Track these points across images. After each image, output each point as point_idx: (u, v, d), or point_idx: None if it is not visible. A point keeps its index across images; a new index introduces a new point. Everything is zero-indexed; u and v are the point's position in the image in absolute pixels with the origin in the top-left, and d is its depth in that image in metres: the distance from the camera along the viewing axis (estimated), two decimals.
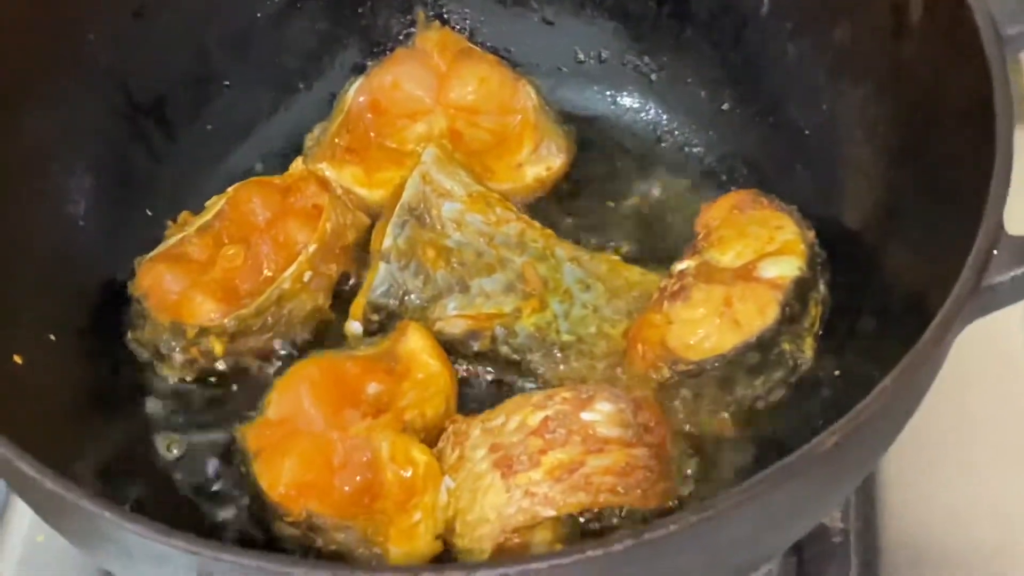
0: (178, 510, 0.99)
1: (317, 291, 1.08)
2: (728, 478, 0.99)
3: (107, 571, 1.07)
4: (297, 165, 1.14)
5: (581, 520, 0.91)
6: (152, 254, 1.08)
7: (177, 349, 1.05)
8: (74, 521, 0.78)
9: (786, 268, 1.01)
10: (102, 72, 1.10)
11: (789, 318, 0.99)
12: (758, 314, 0.99)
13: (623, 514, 0.92)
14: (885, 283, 0.98)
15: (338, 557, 0.94)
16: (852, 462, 0.82)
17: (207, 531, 0.98)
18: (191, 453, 1.04)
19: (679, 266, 1.05)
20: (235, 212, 1.09)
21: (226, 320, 1.04)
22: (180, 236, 1.09)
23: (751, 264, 1.02)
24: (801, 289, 1.00)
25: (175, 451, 1.04)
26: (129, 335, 1.07)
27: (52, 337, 1.00)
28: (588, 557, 0.70)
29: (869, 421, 0.76)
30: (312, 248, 1.06)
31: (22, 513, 1.11)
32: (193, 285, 1.05)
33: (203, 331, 1.04)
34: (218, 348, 1.05)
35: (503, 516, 0.91)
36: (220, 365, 1.06)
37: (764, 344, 0.99)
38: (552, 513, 0.91)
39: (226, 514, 1.00)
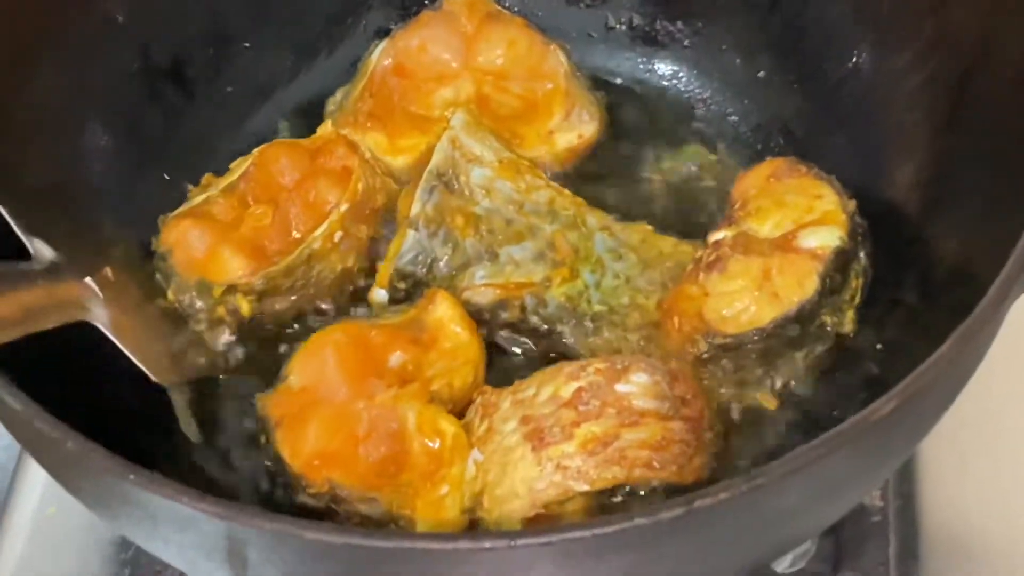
0: (196, 475, 0.97)
1: (347, 252, 1.05)
2: (768, 452, 0.96)
3: (116, 546, 1.05)
4: (326, 128, 1.11)
5: (614, 495, 0.89)
6: (177, 211, 1.06)
7: (203, 308, 1.02)
8: (96, 484, 0.76)
9: (826, 238, 0.98)
10: (119, 29, 1.07)
11: (830, 290, 0.97)
12: (797, 286, 0.96)
13: (658, 489, 0.89)
14: (928, 253, 0.96)
15: None
16: (904, 433, 0.80)
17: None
18: (211, 419, 1.01)
19: (715, 236, 1.02)
20: (262, 173, 1.06)
21: (255, 278, 1.01)
22: (204, 196, 1.06)
23: (790, 234, 0.99)
24: (842, 260, 0.97)
25: (194, 416, 1.00)
26: None
27: None
28: (636, 525, 0.67)
29: (925, 389, 0.73)
30: (344, 207, 1.04)
31: (32, 486, 1.09)
32: (220, 242, 1.02)
33: (231, 289, 1.01)
34: (245, 307, 1.02)
35: (534, 491, 0.89)
36: (243, 330, 1.04)
37: (804, 317, 0.96)
38: (586, 488, 0.88)
39: (247, 483, 0.97)
